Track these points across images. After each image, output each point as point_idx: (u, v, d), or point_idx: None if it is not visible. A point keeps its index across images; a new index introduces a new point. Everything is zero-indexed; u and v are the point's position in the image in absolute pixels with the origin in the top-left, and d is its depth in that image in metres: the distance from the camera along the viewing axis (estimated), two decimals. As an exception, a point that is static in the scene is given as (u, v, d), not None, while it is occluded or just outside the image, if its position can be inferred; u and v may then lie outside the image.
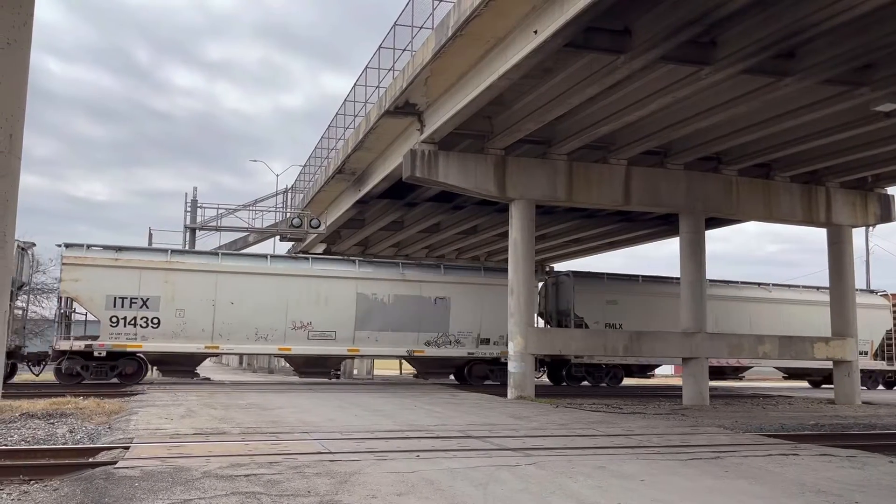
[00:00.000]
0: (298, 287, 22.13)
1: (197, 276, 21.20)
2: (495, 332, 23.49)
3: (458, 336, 23.48)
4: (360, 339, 22.49)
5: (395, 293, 23.03)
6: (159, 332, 20.41)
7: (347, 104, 22.78)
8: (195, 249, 21.46)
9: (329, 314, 22.23)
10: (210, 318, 21.06)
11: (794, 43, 12.10)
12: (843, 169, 19.81)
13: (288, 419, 11.33)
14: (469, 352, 23.63)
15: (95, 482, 6.03)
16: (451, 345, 23.42)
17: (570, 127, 17.13)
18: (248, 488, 5.78)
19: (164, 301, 20.58)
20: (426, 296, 23.31)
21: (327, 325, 22.16)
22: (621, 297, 25.39)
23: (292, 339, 21.84)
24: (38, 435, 9.56)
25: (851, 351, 20.81)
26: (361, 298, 22.61)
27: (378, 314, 22.74)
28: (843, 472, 7.27)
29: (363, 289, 22.76)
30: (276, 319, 21.72)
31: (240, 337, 21.39)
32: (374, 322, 22.67)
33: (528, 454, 7.96)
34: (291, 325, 21.85)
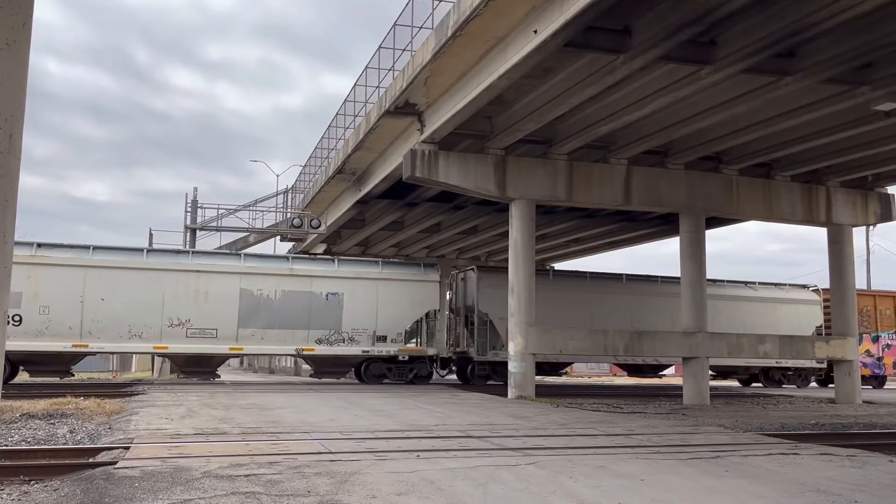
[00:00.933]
0: (176, 282, 21.17)
1: (63, 271, 20.16)
2: (392, 329, 22.83)
3: (351, 333, 22.55)
4: (243, 338, 21.56)
5: (283, 288, 22.08)
6: (21, 331, 19.31)
7: (347, 104, 22.80)
8: (63, 243, 20.51)
9: (210, 311, 21.27)
10: (78, 315, 20.11)
11: (794, 42, 12.10)
12: (843, 168, 19.80)
13: (288, 419, 11.34)
14: (364, 350, 22.70)
15: (96, 482, 6.03)
16: (345, 343, 22.50)
17: (570, 127, 17.13)
18: (248, 488, 5.78)
19: (27, 298, 19.60)
20: (317, 291, 22.39)
21: (208, 322, 21.23)
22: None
23: (169, 338, 20.89)
24: (38, 435, 9.56)
25: (852, 350, 20.81)
26: (246, 294, 21.69)
27: (264, 311, 21.81)
28: (844, 472, 7.27)
29: (248, 284, 21.82)
30: (151, 316, 20.76)
31: (111, 335, 20.44)
32: (260, 319, 21.74)
33: (528, 454, 7.96)
34: (168, 323, 20.89)
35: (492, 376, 24.36)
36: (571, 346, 19.49)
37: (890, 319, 29.28)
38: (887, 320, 29.25)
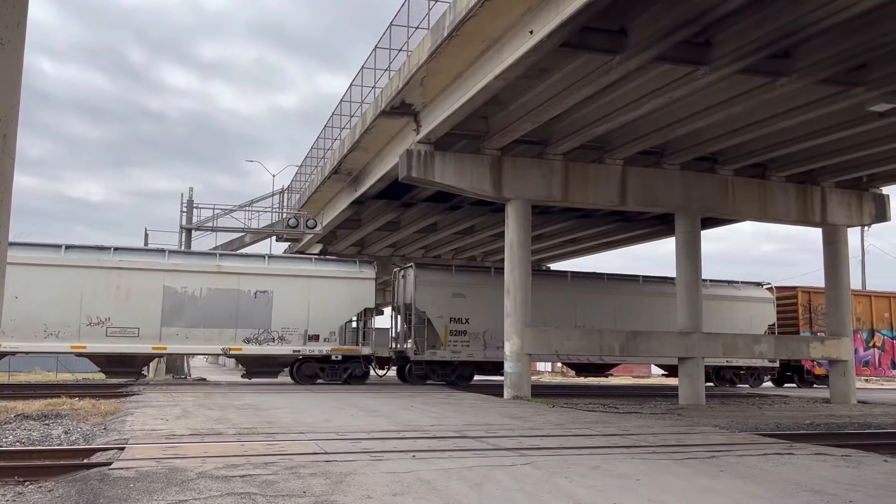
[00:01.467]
0: (95, 280, 20.53)
1: None
2: (325, 328, 22.28)
3: (282, 332, 21.94)
4: (167, 336, 20.93)
5: (210, 286, 21.48)
6: None
7: (343, 104, 22.78)
8: None
9: (131, 309, 20.65)
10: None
11: (789, 43, 12.13)
12: (838, 169, 19.85)
13: (284, 420, 11.32)
14: (295, 349, 22.11)
15: (90, 483, 6.02)
16: (275, 342, 21.91)
17: (565, 127, 17.14)
18: (243, 489, 5.77)
19: None
20: (245, 289, 21.79)
21: (129, 321, 20.61)
22: (469, 290, 24.16)
23: (88, 337, 20.28)
24: (33, 436, 9.54)
25: (847, 350, 20.86)
26: (169, 292, 21.07)
27: (189, 309, 21.20)
28: (838, 472, 7.29)
29: (172, 281, 21.19)
30: (69, 315, 20.15)
31: (26, 334, 19.75)
32: (185, 318, 21.13)
33: (523, 454, 7.96)
34: (87, 321, 20.29)
35: (430, 376, 23.83)
36: (567, 347, 19.49)
37: None
38: None
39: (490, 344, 23.75)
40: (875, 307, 28.78)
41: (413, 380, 23.68)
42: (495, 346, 23.26)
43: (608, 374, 30.10)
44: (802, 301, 27.74)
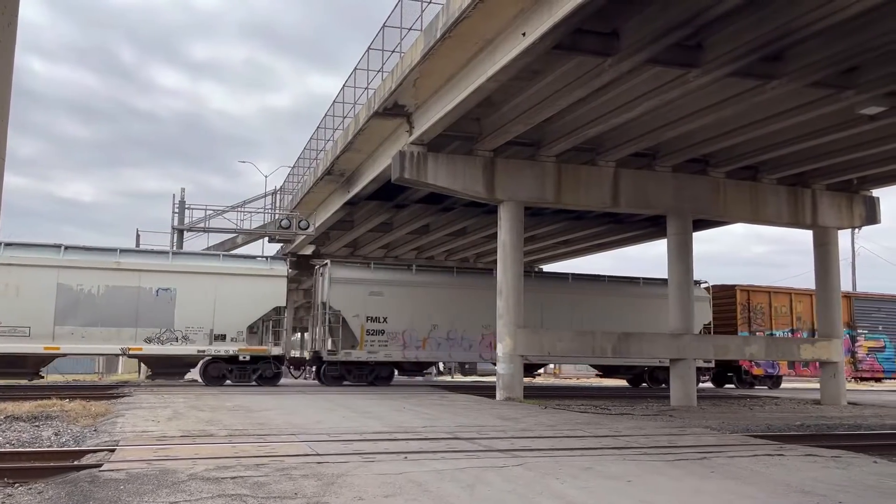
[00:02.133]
0: None
1: None
2: (232, 328, 21.36)
3: (185, 332, 20.97)
4: (61, 336, 19.94)
5: (108, 283, 20.49)
6: None
7: (336, 105, 22.76)
8: None
9: (21, 307, 19.61)
10: None
11: (780, 46, 12.19)
12: (828, 171, 19.96)
13: (275, 421, 11.30)
14: (200, 349, 21.12)
15: (80, 485, 5.99)
16: (178, 341, 20.91)
17: (558, 129, 17.18)
18: (234, 490, 5.76)
19: None
20: (146, 286, 20.80)
21: (19, 319, 19.59)
22: (388, 288, 23.47)
23: None
24: (22, 437, 9.49)
25: (837, 352, 20.97)
26: (63, 289, 20.08)
27: (85, 307, 20.19)
28: (828, 473, 7.33)
29: (66, 278, 20.16)
30: None
31: None
32: (81, 316, 20.15)
33: (515, 455, 7.97)
34: None
35: (346, 377, 23.18)
36: (559, 348, 19.53)
37: (786, 317, 27.76)
38: (783, 318, 27.69)
39: (410, 343, 23.29)
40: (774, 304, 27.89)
41: (328, 381, 22.92)
42: (415, 345, 23.25)
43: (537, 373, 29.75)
44: (741, 300, 26.97)
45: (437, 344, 23.73)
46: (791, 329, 27.42)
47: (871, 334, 28.19)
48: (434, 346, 23.68)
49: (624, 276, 27.68)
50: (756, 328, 26.79)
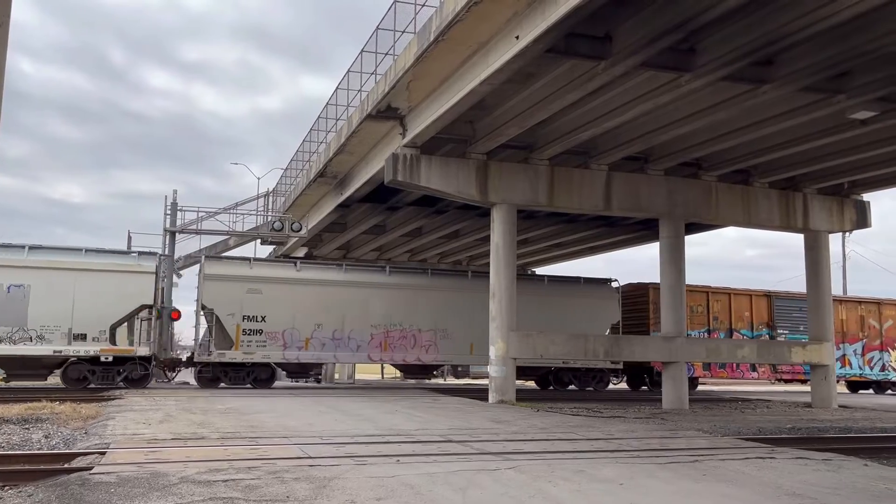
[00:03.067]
0: None
1: None
2: (94, 327, 20.03)
3: (41, 331, 19.62)
4: None
5: None
6: None
7: (329, 107, 22.72)
8: None
9: None
10: None
11: (772, 51, 12.25)
12: (820, 175, 20.06)
13: (267, 424, 11.26)
14: (56, 349, 19.75)
15: (71, 488, 5.96)
16: (32, 341, 19.57)
17: (551, 132, 17.21)
18: (226, 493, 5.74)
19: None
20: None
21: None
22: (268, 286, 22.23)
23: None
24: (12, 440, 9.43)
25: (829, 355, 21.06)
26: None
27: None
28: (819, 475, 7.35)
29: None
30: None
31: None
32: None
33: (508, 458, 7.97)
34: None
35: (222, 378, 22.03)
36: (552, 351, 19.54)
37: (702, 317, 26.08)
38: (699, 318, 25.92)
39: (291, 344, 22.20)
40: (734, 305, 26.64)
41: (203, 383, 21.83)
42: (296, 346, 22.23)
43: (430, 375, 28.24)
44: (654, 298, 25.20)
45: (322, 344, 22.54)
46: (707, 329, 25.93)
47: (791, 334, 26.67)
48: (318, 346, 22.48)
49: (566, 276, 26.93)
50: None
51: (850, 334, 28.37)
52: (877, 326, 29.02)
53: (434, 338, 23.66)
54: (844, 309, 28.35)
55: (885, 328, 29.21)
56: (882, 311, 29.17)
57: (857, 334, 28.52)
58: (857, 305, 28.95)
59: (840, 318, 27.52)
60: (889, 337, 29.19)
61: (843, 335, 27.75)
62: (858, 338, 28.49)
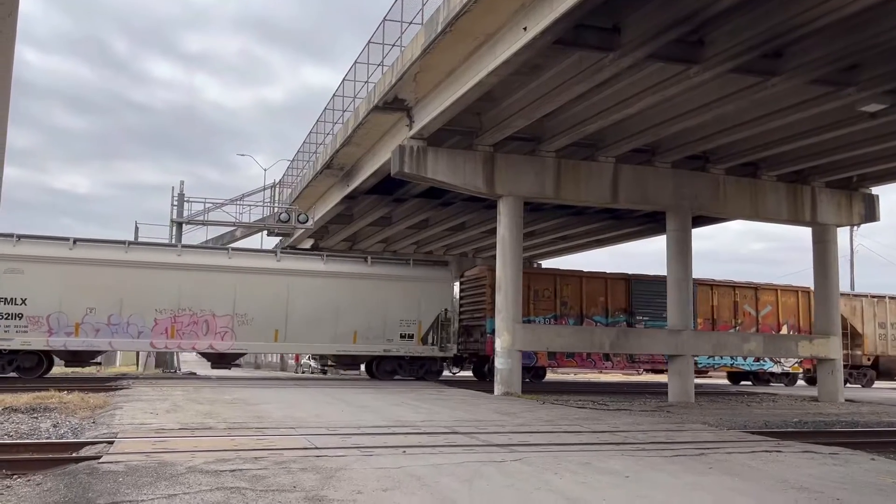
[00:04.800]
0: None
1: None
2: None
3: None
4: None
5: None
6: None
7: (336, 99, 22.73)
8: None
9: None
10: None
11: (781, 43, 12.18)
12: (828, 168, 19.97)
13: (274, 414, 11.30)
14: None
15: (79, 477, 5.99)
16: None
17: (558, 124, 17.16)
18: (233, 483, 5.76)
19: None
20: None
21: None
22: (31, 266, 19.69)
23: None
24: (21, 429, 9.49)
25: (836, 349, 21.01)
26: None
27: None
28: (826, 469, 7.34)
29: None
30: None
31: None
32: None
33: (513, 450, 7.98)
34: None
35: None
36: (558, 343, 19.58)
37: (548, 301, 24.12)
38: (545, 302, 24.04)
39: (58, 329, 19.76)
40: (587, 290, 24.63)
41: None
42: (65, 331, 19.92)
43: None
44: (492, 282, 22.86)
45: (95, 330, 20.19)
46: (554, 315, 23.92)
47: (652, 322, 24.64)
48: (90, 332, 20.14)
49: (394, 258, 25.06)
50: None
51: (722, 321, 26.04)
52: (753, 313, 26.73)
53: (231, 323, 21.28)
54: (717, 294, 26.30)
55: (762, 315, 26.89)
56: (759, 296, 27.03)
57: (730, 321, 26.23)
58: (730, 291, 26.75)
59: (711, 304, 25.93)
60: (766, 324, 26.75)
61: (713, 322, 25.78)
62: (731, 325, 26.15)
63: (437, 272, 23.92)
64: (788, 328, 26.98)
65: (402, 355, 22.91)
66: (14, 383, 17.37)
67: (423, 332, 22.87)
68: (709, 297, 26.07)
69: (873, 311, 28.33)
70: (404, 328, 22.60)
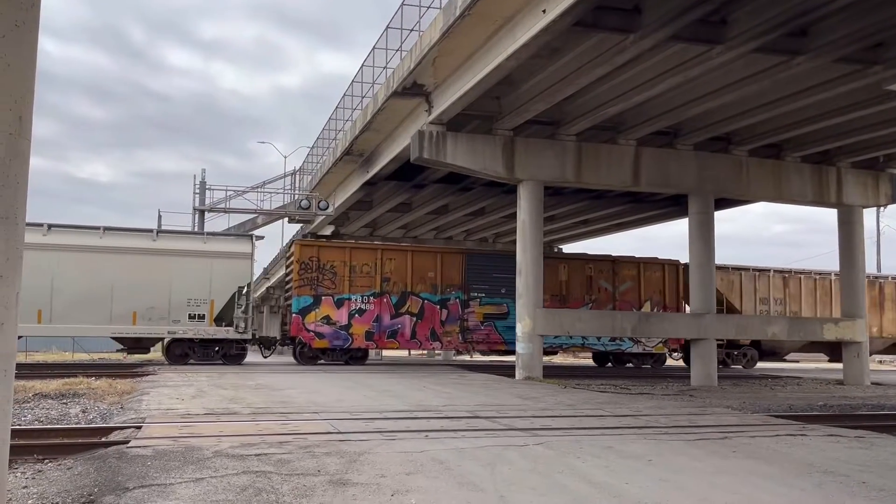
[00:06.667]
0: None
1: None
2: None
3: None
4: None
5: None
6: None
7: (355, 85, 22.71)
8: None
9: None
10: None
11: (806, 21, 11.97)
12: (854, 149, 19.66)
13: (297, 399, 11.42)
14: None
15: (108, 461, 6.11)
16: None
17: (578, 107, 17.03)
18: (258, 467, 5.84)
19: None
20: None
21: None
22: None
23: None
24: (51, 415, 9.67)
25: (861, 332, 20.77)
26: None
27: None
28: (851, 453, 7.28)
29: None
30: None
31: None
32: None
33: (535, 434, 8.00)
34: None
35: None
36: (578, 328, 19.53)
37: (367, 278, 22.81)
38: (363, 279, 22.79)
39: None
40: (415, 265, 23.28)
41: None
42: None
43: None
44: (302, 257, 22.38)
45: None
46: (374, 292, 22.75)
47: (488, 298, 23.60)
48: None
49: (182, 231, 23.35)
50: (325, 290, 22.22)
51: (573, 298, 24.40)
52: (609, 289, 25.08)
53: None
54: (567, 269, 24.64)
55: (620, 291, 25.19)
56: (617, 270, 25.27)
57: (583, 297, 24.57)
58: (583, 265, 25.11)
59: (560, 279, 24.26)
60: (625, 301, 25.00)
61: (562, 299, 24.12)
62: (583, 301, 24.54)
63: (233, 246, 21.99)
64: (652, 305, 25.41)
65: (192, 338, 21.17)
66: (43, 370, 17.70)
67: (216, 313, 21.17)
68: (557, 271, 24.19)
69: (754, 286, 26.14)
70: (193, 308, 20.96)
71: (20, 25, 4.11)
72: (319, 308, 22.16)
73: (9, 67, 4.04)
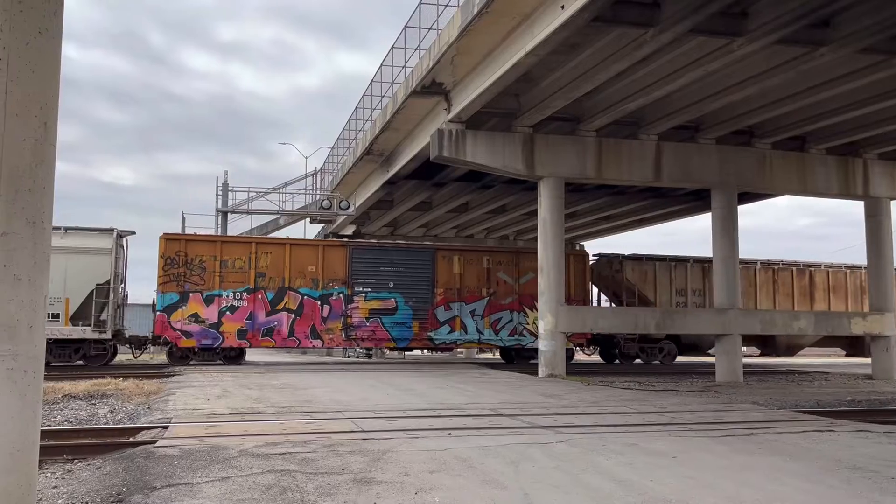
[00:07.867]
0: None
1: None
2: None
3: None
4: None
5: None
6: None
7: (374, 85, 22.79)
8: None
9: None
10: None
11: (828, 12, 11.81)
12: (881, 140, 19.34)
13: (321, 398, 11.49)
14: None
15: (136, 461, 6.19)
16: None
17: (598, 103, 16.95)
18: (283, 466, 5.89)
19: None
20: None
21: None
22: None
23: None
24: (80, 415, 9.82)
25: (890, 326, 20.45)
26: None
27: None
28: (880, 449, 7.18)
29: None
30: None
31: None
32: None
33: (559, 432, 7.98)
34: None
35: None
36: (601, 324, 19.44)
37: (240, 273, 21.47)
38: (235, 274, 21.41)
39: None
40: (294, 259, 22.00)
41: None
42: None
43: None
44: (168, 251, 20.90)
45: None
46: (247, 288, 21.42)
47: (375, 293, 22.54)
48: None
49: None
50: (193, 286, 20.95)
51: (468, 291, 23.29)
52: (510, 281, 23.83)
53: None
54: (463, 261, 23.42)
55: (521, 283, 23.80)
56: (520, 261, 23.88)
57: (479, 291, 23.43)
58: (480, 256, 23.86)
59: (455, 272, 23.20)
60: (527, 294, 23.39)
61: (457, 293, 23.17)
62: (480, 295, 23.41)
63: (91, 241, 20.15)
64: None
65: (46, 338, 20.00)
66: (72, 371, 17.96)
67: (72, 311, 19.57)
68: (452, 264, 23.28)
69: (670, 276, 25.01)
70: (48, 307, 19.64)
71: (43, 32, 4.17)
72: (186, 305, 20.90)
73: (33, 74, 4.10)
